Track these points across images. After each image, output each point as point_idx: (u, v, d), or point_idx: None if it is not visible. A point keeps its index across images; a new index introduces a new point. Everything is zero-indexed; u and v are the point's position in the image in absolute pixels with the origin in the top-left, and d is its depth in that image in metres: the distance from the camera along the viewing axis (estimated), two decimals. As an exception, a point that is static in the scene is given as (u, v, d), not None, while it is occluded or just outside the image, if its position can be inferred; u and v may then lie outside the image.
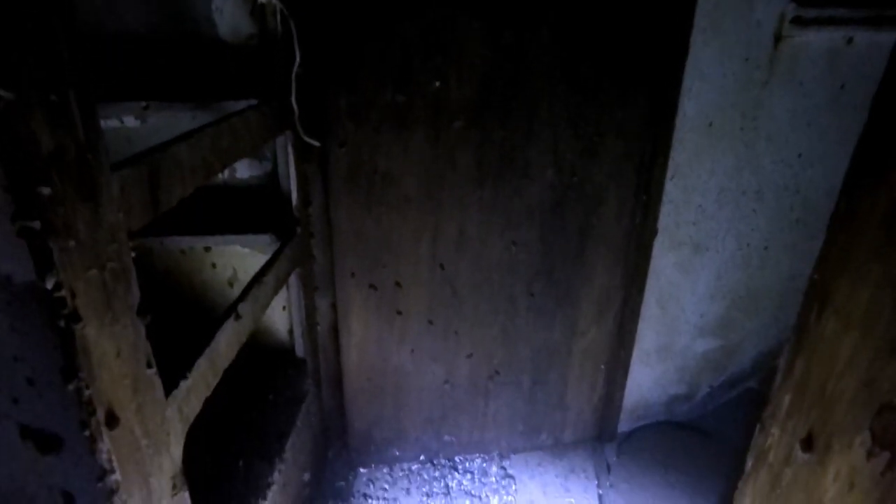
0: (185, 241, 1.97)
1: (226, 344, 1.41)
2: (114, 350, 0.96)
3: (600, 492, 2.52)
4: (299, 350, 2.24)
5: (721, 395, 2.85)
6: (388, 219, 2.05)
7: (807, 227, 2.51)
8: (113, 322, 0.96)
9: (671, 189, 2.28)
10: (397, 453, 2.56)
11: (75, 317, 0.86)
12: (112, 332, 0.96)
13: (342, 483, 2.50)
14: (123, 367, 0.99)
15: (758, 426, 1.22)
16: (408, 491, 2.50)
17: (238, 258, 2.13)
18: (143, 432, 1.06)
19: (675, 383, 2.75)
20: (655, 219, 2.30)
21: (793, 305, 2.73)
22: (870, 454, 0.87)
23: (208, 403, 2.01)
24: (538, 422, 2.60)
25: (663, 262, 2.42)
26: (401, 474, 2.58)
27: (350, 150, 1.94)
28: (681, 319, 2.58)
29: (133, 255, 1.02)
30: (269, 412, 2.07)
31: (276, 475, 1.86)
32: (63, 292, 0.83)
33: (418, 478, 2.57)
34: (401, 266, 2.13)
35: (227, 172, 2.03)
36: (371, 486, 2.51)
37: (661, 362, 2.66)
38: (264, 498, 1.77)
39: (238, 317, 1.48)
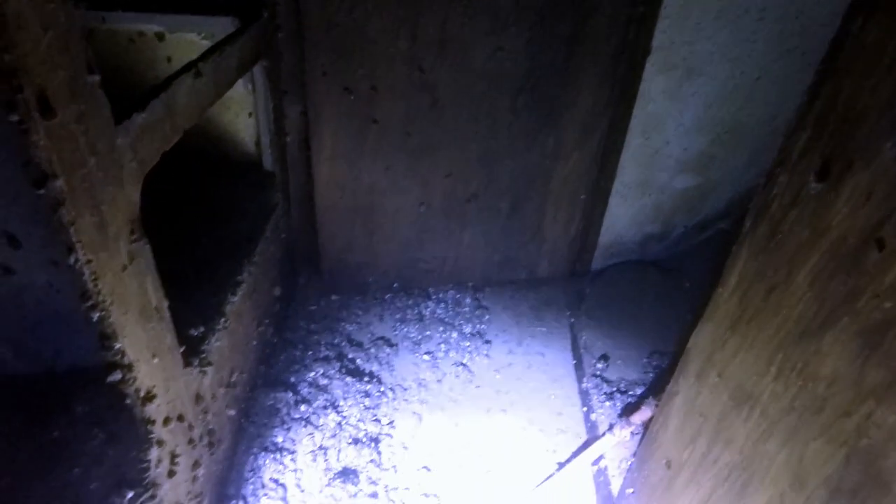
0: (133, 20, 1.73)
1: (185, 99, 1.25)
2: (37, 20, 0.80)
3: (572, 320, 2.57)
4: (267, 162, 2.10)
5: (694, 235, 2.87)
6: (364, 7, 1.83)
7: (802, 56, 2.39)
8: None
9: (670, 2, 2.10)
10: (370, 280, 2.52)
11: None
12: (36, -1, 0.79)
13: (314, 307, 2.47)
14: (54, 52, 0.83)
15: (761, 183, 1.16)
16: (381, 317, 2.50)
17: (197, 52, 1.90)
18: (88, 147, 0.93)
19: (651, 221, 2.74)
20: (650, 35, 2.15)
21: (774, 146, 2.71)
22: (900, 151, 0.80)
23: (175, 207, 1.88)
24: (514, 252, 2.58)
25: (652, 87, 2.30)
26: (374, 301, 2.56)
27: (319, -86, 1.68)
28: (663, 153, 2.51)
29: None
30: (238, 220, 1.97)
31: (245, 275, 1.78)
32: None
33: (392, 306, 2.56)
34: (377, 66, 1.95)
35: (175, -60, 1.75)
36: (344, 312, 2.49)
37: (639, 198, 2.63)
38: (234, 294, 1.71)
39: (199, 74, 1.31)
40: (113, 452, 1.17)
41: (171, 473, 1.32)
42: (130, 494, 1.15)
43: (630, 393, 2.20)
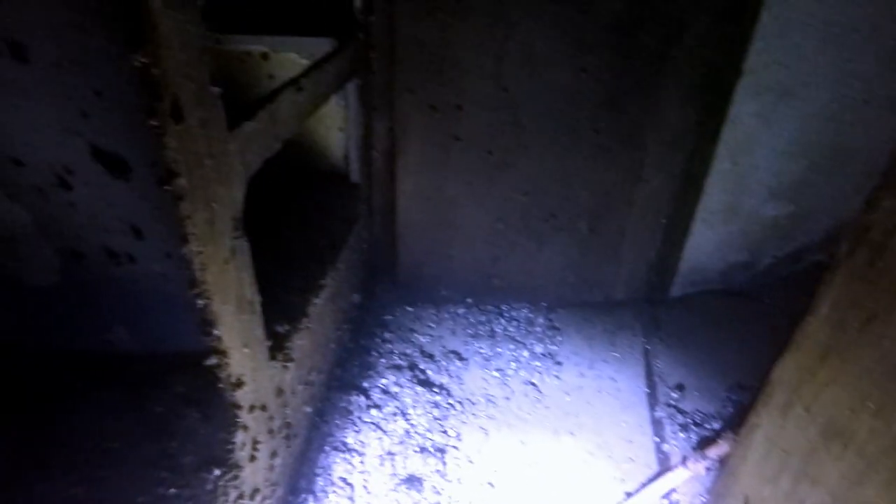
0: (244, 41, 1.91)
1: (286, 110, 1.37)
2: (176, 37, 0.91)
3: (647, 347, 2.50)
4: (354, 175, 2.21)
5: (786, 267, 2.71)
6: (453, 29, 1.92)
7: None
8: (176, 7, 0.90)
9: (766, 21, 2.03)
10: (445, 294, 2.57)
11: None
12: (176, 18, 0.90)
13: (389, 317, 2.55)
14: (186, 65, 0.95)
15: (862, 208, 1.10)
16: (453, 331, 2.54)
17: (296, 70, 2.06)
18: (207, 150, 1.04)
19: (737, 249, 2.62)
20: (742, 56, 2.09)
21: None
22: None
23: (269, 212, 2.02)
24: (590, 274, 2.54)
25: (743, 110, 2.22)
26: (447, 316, 2.61)
27: (417, -57, 1.79)
28: (753, 178, 2.40)
29: None
30: (324, 228, 2.08)
31: (328, 280, 1.88)
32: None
33: (464, 320, 2.60)
34: (463, 85, 2.02)
35: (286, -30, 1.92)
36: (417, 323, 2.55)
37: (724, 224, 2.52)
38: (317, 297, 1.80)
39: (299, 89, 1.42)
40: (204, 431, 1.27)
41: (252, 458, 1.41)
42: (217, 472, 1.24)
43: (706, 426, 2.10)
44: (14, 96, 1.05)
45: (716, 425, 2.11)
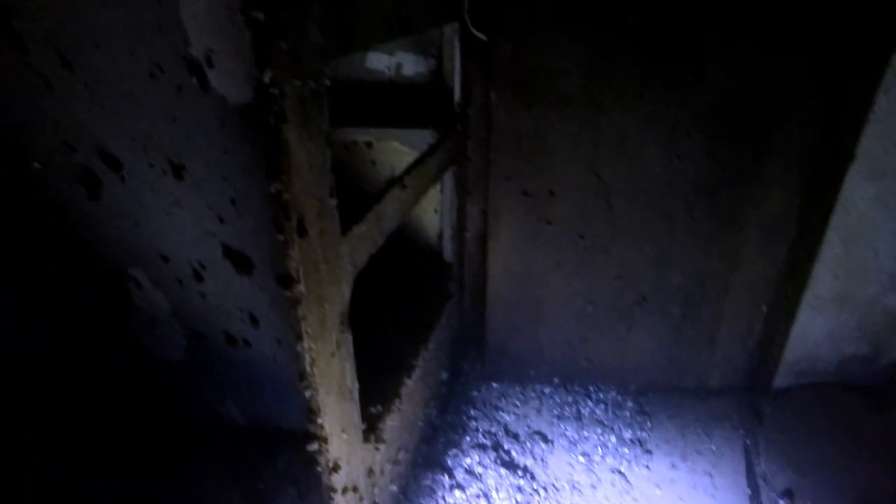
0: (351, 133, 2.09)
1: (391, 207, 1.47)
2: (307, 164, 1.03)
3: (747, 442, 2.32)
4: (447, 254, 2.30)
5: (914, 362, 2.45)
6: (547, 119, 2.00)
7: None
8: (308, 138, 1.03)
9: (884, 105, 1.94)
10: (532, 373, 2.56)
11: (282, 115, 0.92)
12: (307, 147, 1.03)
13: (475, 393, 2.56)
14: (312, 186, 1.07)
15: None
16: (539, 411, 2.50)
17: (397, 157, 2.22)
18: (322, 256, 1.14)
19: (854, 340, 2.41)
20: (854, 141, 1.99)
21: None
22: None
23: (366, 290, 2.14)
24: (683, 359, 2.44)
25: (857, 195, 2.10)
26: (533, 395, 2.58)
27: (515, 43, 1.90)
28: (871, 265, 2.23)
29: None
30: (416, 306, 2.16)
31: (420, 361, 1.94)
32: (275, 90, 0.90)
33: (550, 400, 2.55)
34: (556, 172, 2.07)
35: (394, 69, 2.10)
36: (503, 401, 2.54)
37: (837, 313, 2.34)
38: (409, 377, 1.86)
39: (403, 186, 1.53)
40: (300, 512, 1.34)
41: (342, 540, 1.45)
42: (310, 554, 1.29)
43: (824, 544, 1.90)
44: (169, 206, 1.22)
45: (834, 544, 1.90)
